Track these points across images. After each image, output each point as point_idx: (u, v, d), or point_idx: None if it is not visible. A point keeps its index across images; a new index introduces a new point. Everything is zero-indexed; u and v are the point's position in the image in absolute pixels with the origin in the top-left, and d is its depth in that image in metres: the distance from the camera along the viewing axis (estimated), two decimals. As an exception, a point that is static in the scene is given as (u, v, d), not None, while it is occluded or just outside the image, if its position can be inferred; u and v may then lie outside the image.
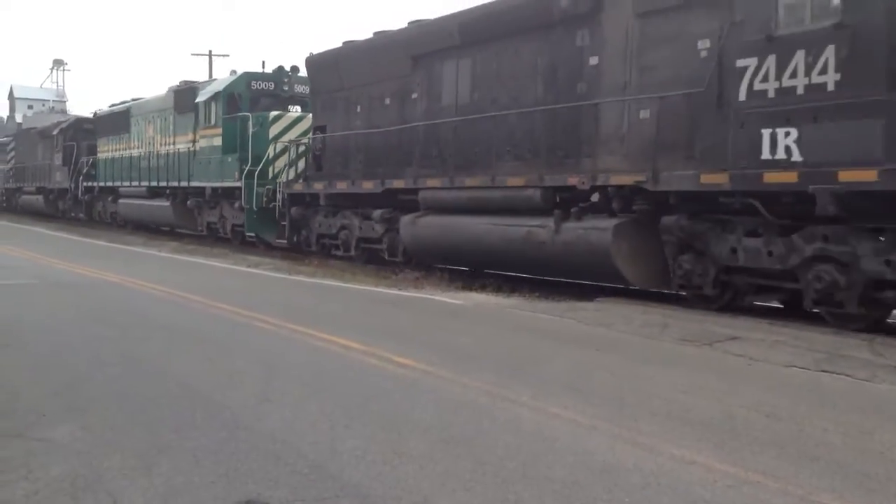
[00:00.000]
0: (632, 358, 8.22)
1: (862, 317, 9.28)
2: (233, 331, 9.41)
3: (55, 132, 35.72)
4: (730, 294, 10.69)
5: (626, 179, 11.11)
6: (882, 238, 8.90)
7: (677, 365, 7.87)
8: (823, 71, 8.78)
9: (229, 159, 21.08)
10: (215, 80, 24.90)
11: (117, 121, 29.76)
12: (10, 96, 65.95)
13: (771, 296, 10.69)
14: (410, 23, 16.24)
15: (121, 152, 29.27)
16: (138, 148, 27.63)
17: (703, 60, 10.26)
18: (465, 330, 9.92)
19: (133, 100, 30.25)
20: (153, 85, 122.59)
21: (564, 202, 12.34)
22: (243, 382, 6.86)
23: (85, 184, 32.50)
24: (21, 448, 5.10)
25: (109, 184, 30.28)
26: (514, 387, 6.70)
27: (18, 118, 52.21)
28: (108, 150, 30.60)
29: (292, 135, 20.05)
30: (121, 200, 29.40)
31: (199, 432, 5.38)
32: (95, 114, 33.48)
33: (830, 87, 8.74)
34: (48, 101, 66.23)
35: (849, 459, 5.10)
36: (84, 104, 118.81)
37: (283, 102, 22.25)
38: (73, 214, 34.61)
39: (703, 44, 10.35)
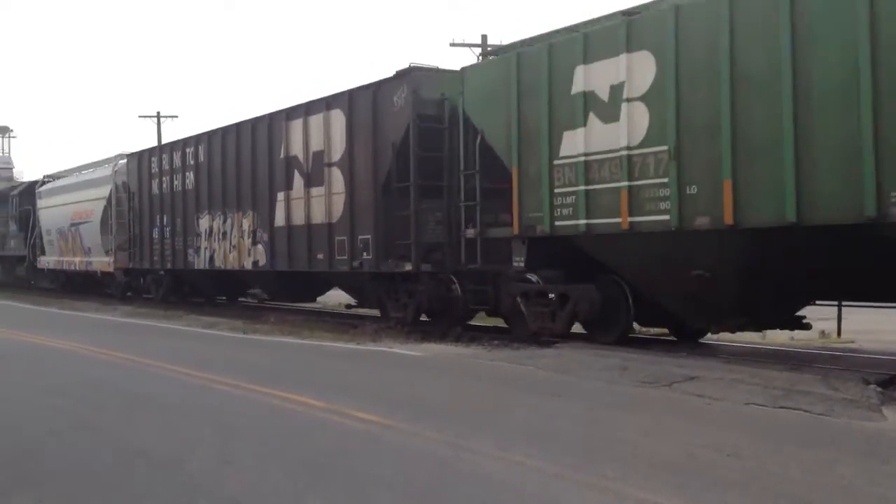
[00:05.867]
0: (593, 403, 8.24)
1: None
2: (190, 394, 9.25)
3: None
4: None
5: None
6: None
7: (638, 408, 7.91)
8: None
9: None
10: None
11: None
12: (-44, 163, 65.09)
13: None
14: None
15: None
16: None
17: None
18: (425, 382, 9.87)
19: None
20: (100, 148, 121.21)
21: None
22: (202, 446, 6.72)
23: None
24: (-28, 525, 4.93)
25: None
26: (477, 437, 6.67)
27: (-37, 184, 52.53)
28: None
29: None
30: None
31: (159, 501, 5.26)
32: None
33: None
34: (-6, 168, 65.71)
35: (811, 495, 5.15)
36: (32, 170, 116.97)
37: None
38: None
39: None
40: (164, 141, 38.05)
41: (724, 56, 9.55)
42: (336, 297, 20.68)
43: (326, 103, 16.27)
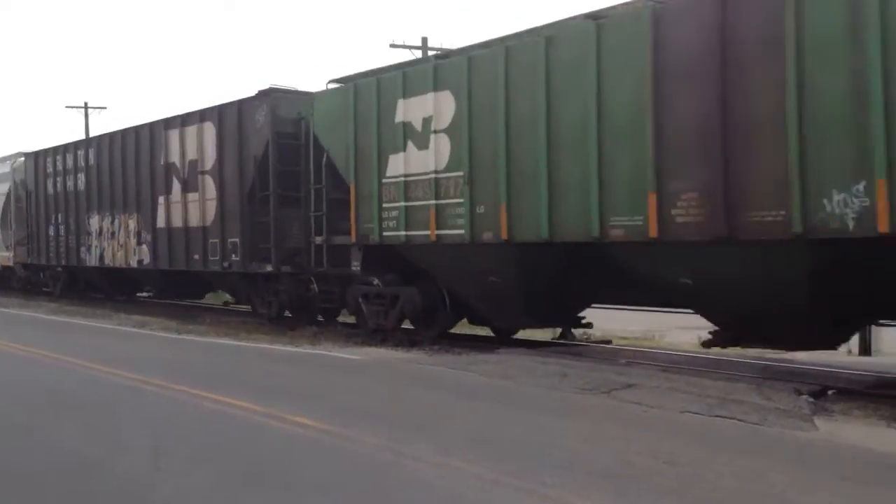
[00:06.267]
0: (534, 409, 8.26)
1: None
2: (120, 395, 9.04)
3: None
4: None
5: None
6: None
7: (578, 415, 7.96)
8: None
9: None
10: None
11: None
12: None
13: None
14: None
15: None
16: None
17: None
18: (365, 386, 9.80)
19: None
20: (24, 140, 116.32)
21: None
22: (134, 450, 6.57)
23: None
24: None
25: None
26: (417, 443, 6.63)
27: None
28: None
29: None
30: None
31: (88, 504, 5.11)
32: None
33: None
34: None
35: (745, 502, 5.22)
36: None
37: None
38: None
39: None
40: (91, 133, 37.95)
41: (501, 103, 11.18)
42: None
43: (200, 116, 17.48)
